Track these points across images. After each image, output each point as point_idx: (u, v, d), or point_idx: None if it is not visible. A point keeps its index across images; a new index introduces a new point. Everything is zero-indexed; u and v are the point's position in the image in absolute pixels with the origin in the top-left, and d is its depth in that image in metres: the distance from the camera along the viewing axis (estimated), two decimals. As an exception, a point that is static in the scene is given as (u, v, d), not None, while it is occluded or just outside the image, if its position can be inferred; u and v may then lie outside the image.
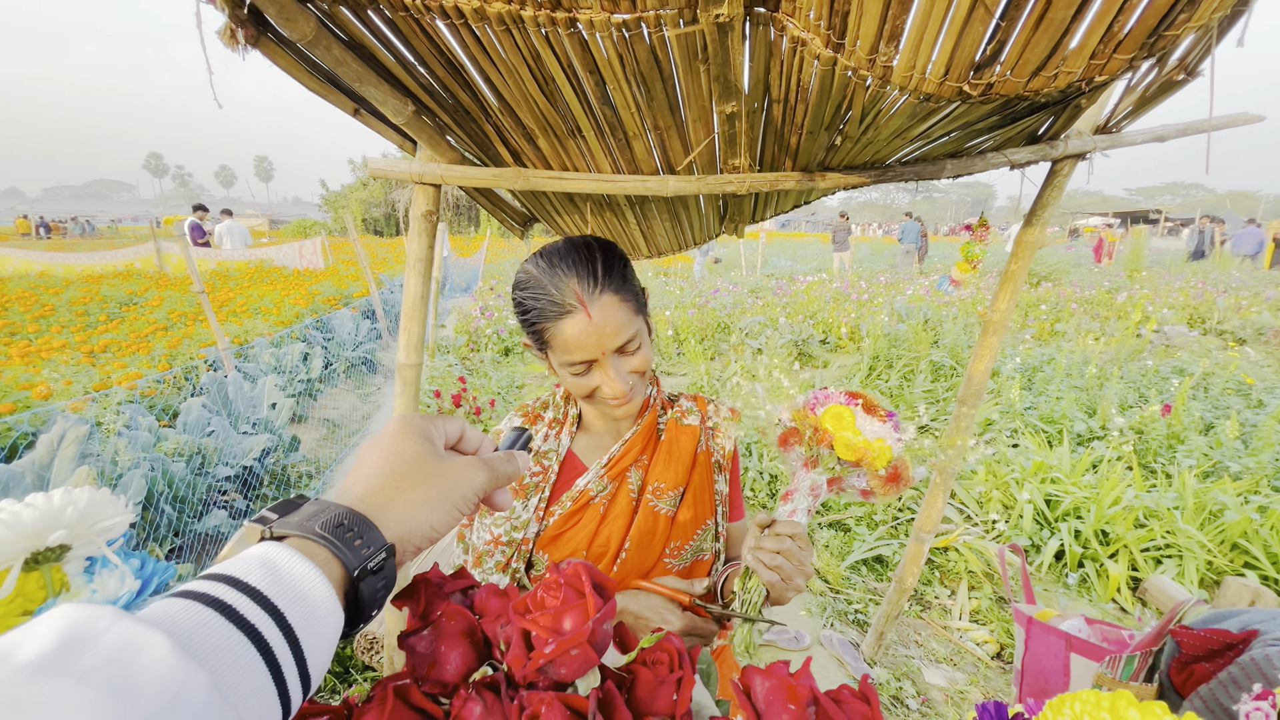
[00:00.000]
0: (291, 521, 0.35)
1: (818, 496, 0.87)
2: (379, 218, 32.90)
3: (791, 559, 0.79)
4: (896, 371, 5.45)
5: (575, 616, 0.34)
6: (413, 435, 0.42)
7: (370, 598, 0.35)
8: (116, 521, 0.43)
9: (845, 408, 0.89)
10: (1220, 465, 3.38)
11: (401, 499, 0.38)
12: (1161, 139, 1.47)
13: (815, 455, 0.89)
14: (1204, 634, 0.83)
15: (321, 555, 0.34)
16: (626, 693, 0.33)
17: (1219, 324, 7.59)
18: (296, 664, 0.30)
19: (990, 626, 2.50)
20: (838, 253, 14.55)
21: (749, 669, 0.33)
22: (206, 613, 0.28)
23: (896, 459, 0.87)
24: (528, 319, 0.88)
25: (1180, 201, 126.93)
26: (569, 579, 0.36)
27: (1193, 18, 0.65)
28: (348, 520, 0.35)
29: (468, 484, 0.42)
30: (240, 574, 0.31)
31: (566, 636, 0.32)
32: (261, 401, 4.08)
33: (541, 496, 0.98)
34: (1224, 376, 4.73)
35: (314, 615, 0.31)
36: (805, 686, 0.30)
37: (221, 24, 0.87)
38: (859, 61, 0.79)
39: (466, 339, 7.10)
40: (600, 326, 0.82)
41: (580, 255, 0.85)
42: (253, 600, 0.29)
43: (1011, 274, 1.68)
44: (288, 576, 0.31)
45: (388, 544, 0.36)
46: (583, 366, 0.86)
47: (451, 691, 0.34)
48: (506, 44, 0.94)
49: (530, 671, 0.31)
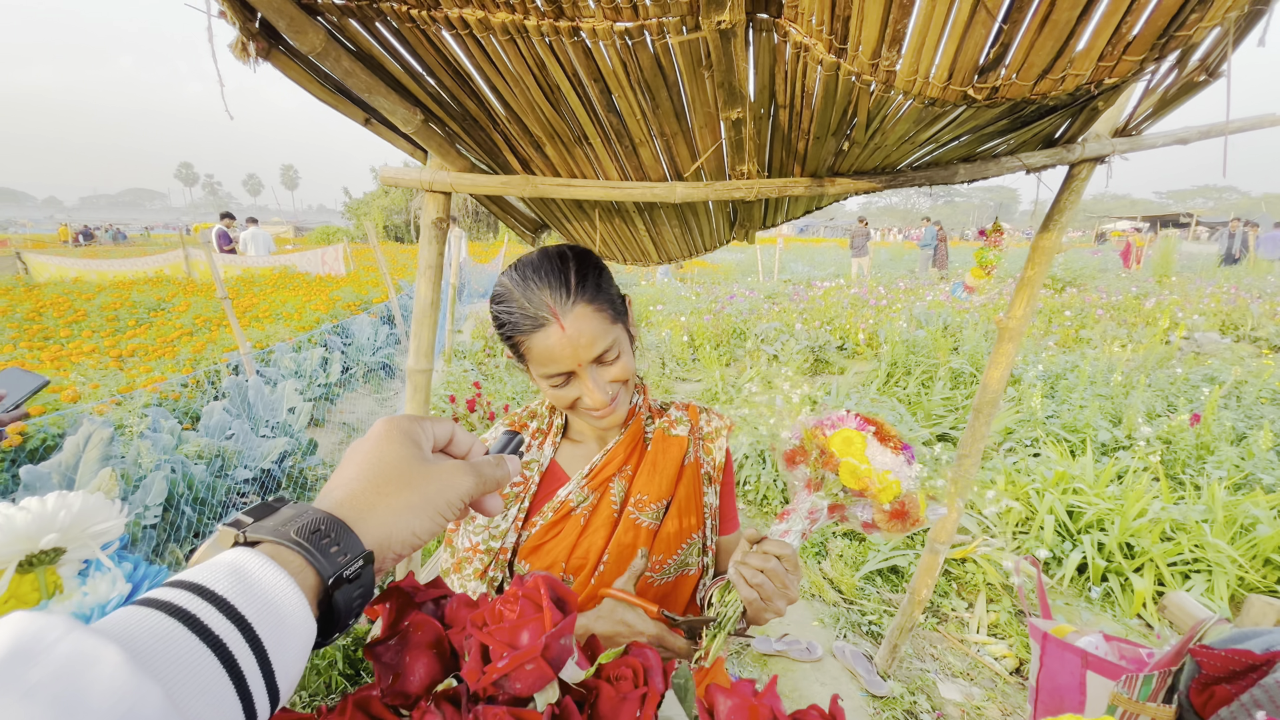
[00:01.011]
0: (266, 526, 0.34)
1: (815, 521, 0.84)
2: (400, 225, 33.39)
3: (775, 579, 0.76)
4: (915, 379, 5.37)
5: (532, 630, 0.34)
6: (398, 438, 0.41)
7: (346, 607, 0.34)
8: (110, 525, 0.44)
9: (857, 433, 0.86)
10: (1252, 477, 3.26)
11: (383, 504, 0.37)
12: (1184, 141, 1.44)
13: (819, 478, 0.86)
14: (1225, 654, 0.80)
15: (295, 562, 0.33)
16: (589, 708, 0.33)
17: (1252, 331, 7.35)
18: (264, 676, 0.29)
19: (1009, 641, 2.44)
20: (856, 258, 14.43)
21: (713, 687, 0.32)
22: (168, 623, 0.27)
23: (905, 495, 0.83)
24: (504, 332, 0.87)
25: (1213, 205, 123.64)
26: (528, 592, 0.35)
27: (1205, 17, 0.63)
28: (325, 526, 0.34)
29: (453, 489, 0.40)
30: (207, 581, 0.29)
31: (520, 651, 0.32)
32: (281, 405, 4.16)
33: (521, 507, 0.96)
34: (1257, 385, 4.57)
35: (284, 625, 0.30)
36: (767, 707, 0.30)
37: (234, 38, 0.90)
38: (862, 66, 0.78)
39: (483, 344, 7.16)
40: (574, 338, 0.81)
41: (552, 266, 0.84)
42: (218, 610, 0.28)
43: (1028, 280, 1.65)
44: (257, 585, 0.30)
45: (365, 551, 0.35)
46: (561, 378, 0.85)
47: (414, 703, 0.33)
48: (511, 53, 0.95)
49: (486, 685, 0.31)
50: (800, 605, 2.71)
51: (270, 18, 0.85)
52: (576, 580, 0.95)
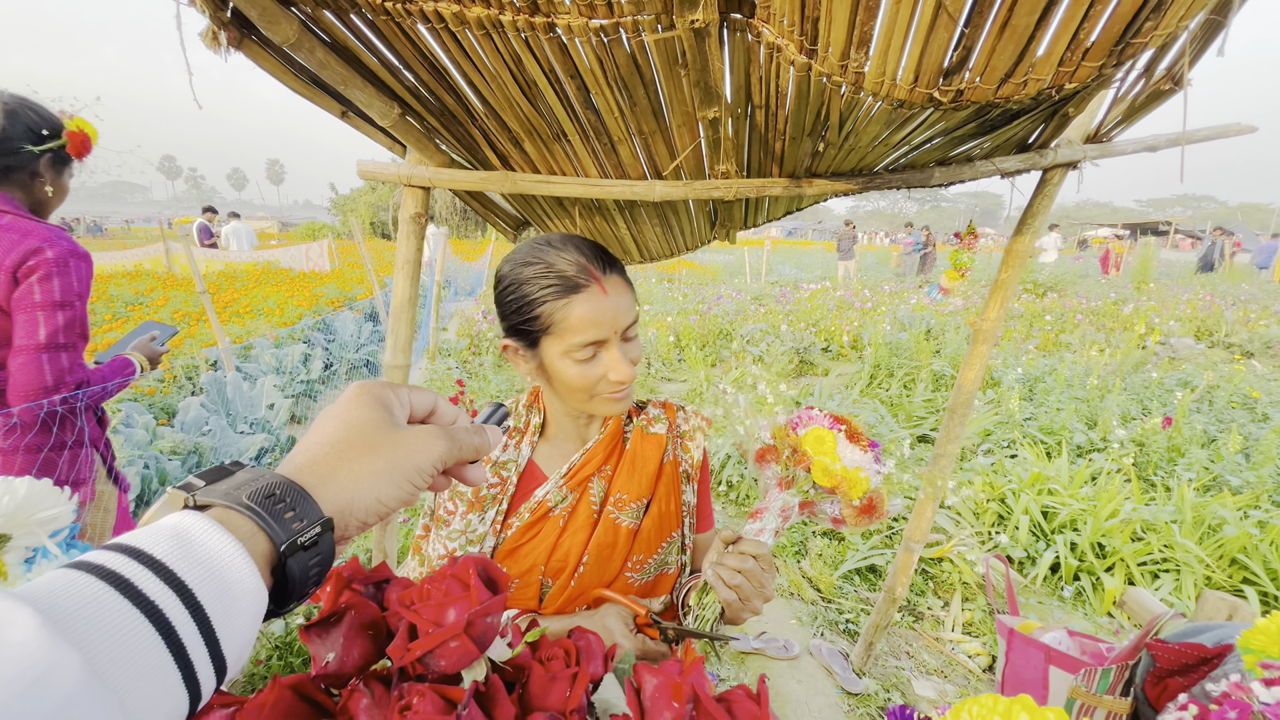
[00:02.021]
0: (217, 490, 0.32)
1: (787, 519, 0.85)
2: (386, 221, 33.06)
3: (753, 580, 0.77)
4: (897, 380, 5.43)
5: (458, 608, 0.34)
6: (367, 401, 0.39)
7: (301, 575, 0.33)
8: (58, 512, 0.44)
9: (828, 432, 0.87)
10: (1220, 479, 3.34)
11: (344, 469, 0.35)
12: (1152, 149, 1.47)
13: (791, 476, 0.87)
14: (1179, 648, 0.82)
15: (245, 528, 0.31)
16: (521, 688, 0.33)
17: (1226, 337, 7.53)
18: (207, 645, 0.27)
19: (983, 639, 2.48)
20: (843, 261, 14.57)
21: (641, 666, 0.33)
22: (96, 586, 0.25)
23: (873, 491, 0.85)
24: (526, 305, 0.83)
25: (1191, 213, 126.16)
26: (456, 572, 0.36)
27: (1159, 26, 0.65)
28: (280, 490, 0.33)
29: (422, 454, 0.38)
30: (144, 545, 0.28)
31: (444, 628, 0.32)
32: (260, 401, 4.11)
33: (499, 509, 0.94)
34: (1229, 390, 4.69)
35: (230, 592, 0.29)
36: (689, 685, 0.30)
37: (204, 26, 0.89)
38: (831, 68, 0.79)
39: (468, 342, 7.12)
40: (615, 303, 0.82)
41: (581, 240, 0.86)
42: (154, 574, 0.27)
43: (1002, 282, 1.68)
44: (200, 549, 0.29)
45: (324, 518, 0.33)
46: (590, 350, 0.82)
47: (346, 683, 0.34)
48: (487, 48, 0.95)
49: (410, 661, 0.31)
50: (778, 603, 2.73)
51: (241, 7, 0.85)
52: (556, 583, 0.93)
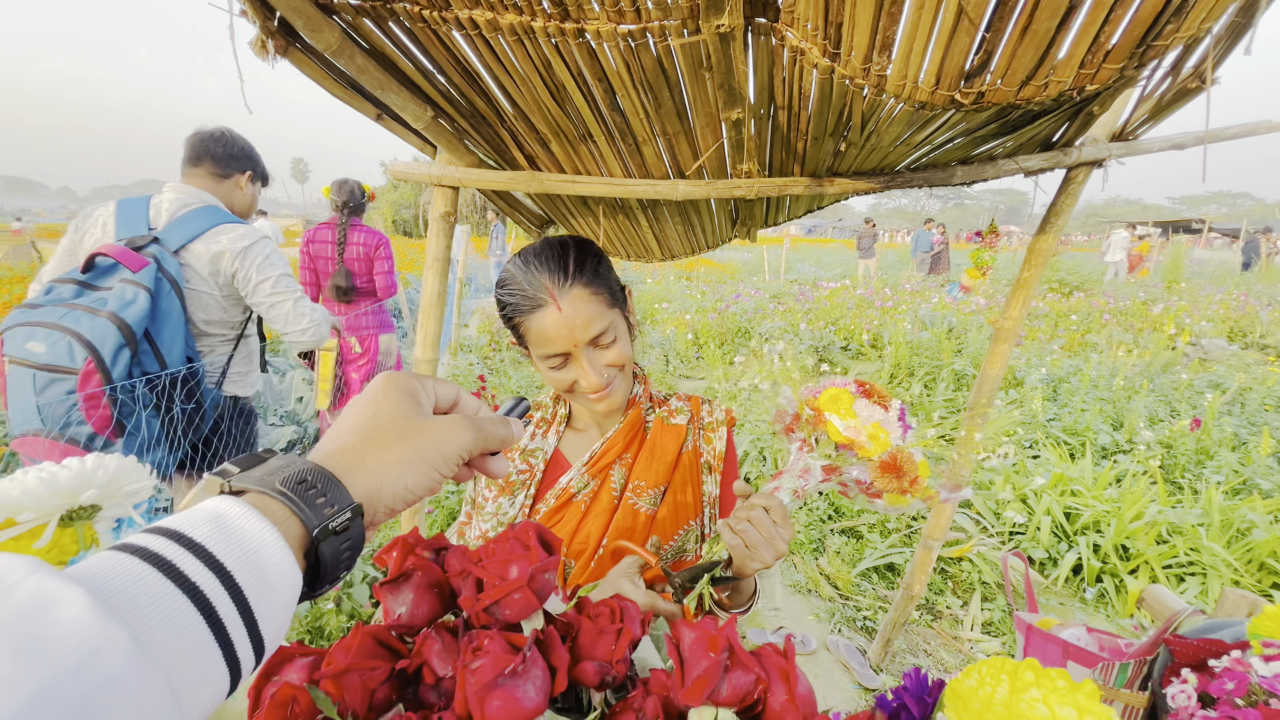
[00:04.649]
0: (252, 476, 0.34)
1: (807, 479, 0.86)
2: (409, 219, 33.52)
3: (760, 528, 0.78)
4: (918, 379, 5.39)
5: (520, 565, 0.38)
6: (395, 392, 0.40)
7: (333, 559, 0.34)
8: (141, 486, 0.48)
9: (843, 390, 0.87)
10: (1250, 482, 3.27)
11: (374, 457, 0.37)
12: (1179, 147, 1.46)
13: (814, 440, 0.88)
14: (1197, 643, 0.82)
15: (280, 513, 0.32)
16: (570, 640, 0.37)
17: (1261, 338, 7.32)
18: (246, 625, 0.29)
19: (1003, 639, 2.47)
20: (863, 259, 14.41)
21: (680, 623, 0.36)
22: (141, 568, 0.26)
23: (895, 449, 0.83)
24: (505, 314, 0.92)
25: (1226, 211, 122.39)
26: (518, 535, 0.39)
27: (1181, 28, 0.66)
28: (312, 476, 0.34)
29: (449, 443, 0.39)
30: (185, 528, 0.29)
31: (509, 581, 0.36)
32: (289, 395, 4.22)
33: (528, 494, 1.01)
34: (1262, 392, 4.57)
35: (266, 575, 0.30)
36: (724, 637, 0.33)
37: (254, 35, 0.93)
38: (854, 71, 0.81)
39: (489, 338, 7.21)
40: (570, 319, 0.85)
41: (553, 252, 0.89)
42: (196, 556, 0.28)
43: (1024, 281, 1.67)
44: (238, 533, 0.30)
45: (354, 503, 0.34)
46: (558, 359, 0.90)
47: (417, 634, 0.37)
48: (519, 53, 0.99)
49: (479, 610, 0.35)
50: (796, 599, 2.75)
51: (289, 16, 0.89)
52: (577, 565, 0.98)
